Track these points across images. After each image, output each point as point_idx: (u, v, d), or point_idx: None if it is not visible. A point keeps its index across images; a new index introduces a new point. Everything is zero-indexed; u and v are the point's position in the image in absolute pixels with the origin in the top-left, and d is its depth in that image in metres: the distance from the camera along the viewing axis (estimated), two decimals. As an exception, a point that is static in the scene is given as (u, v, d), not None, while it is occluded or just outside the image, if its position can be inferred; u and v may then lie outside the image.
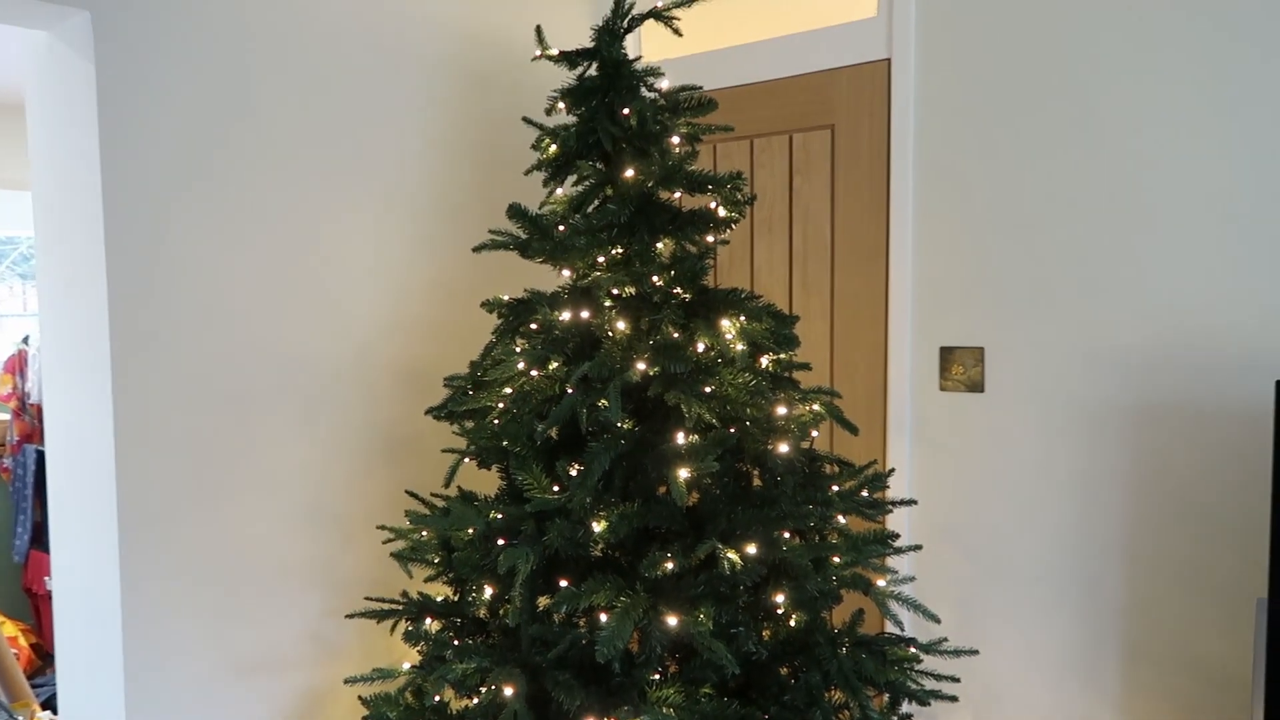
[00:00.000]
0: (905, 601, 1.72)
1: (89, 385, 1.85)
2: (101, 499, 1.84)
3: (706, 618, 1.52)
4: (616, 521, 1.61)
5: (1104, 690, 2.04)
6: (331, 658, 2.16)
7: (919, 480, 2.28)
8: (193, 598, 1.92)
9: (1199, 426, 1.92)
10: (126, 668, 1.83)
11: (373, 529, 2.24)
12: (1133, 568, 2.00)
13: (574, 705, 1.55)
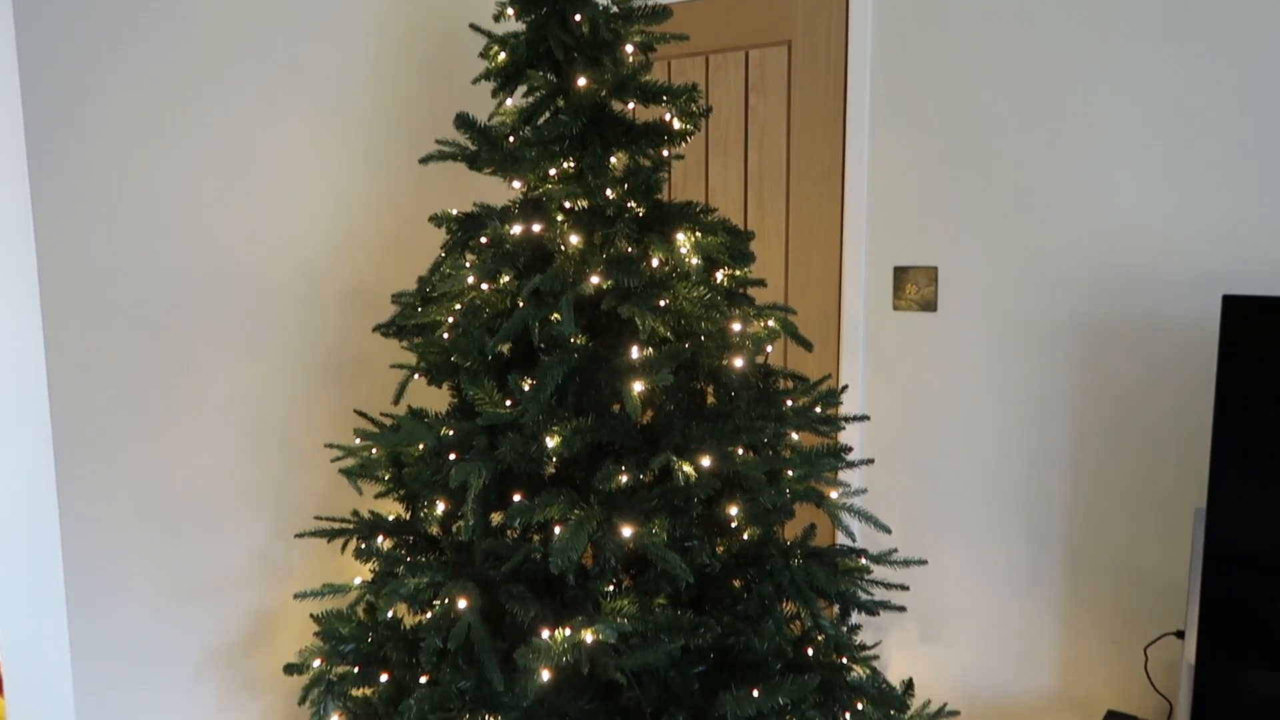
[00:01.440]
0: (857, 513, 1.74)
1: (16, 304, 1.77)
2: (35, 421, 1.77)
3: (660, 530, 1.52)
4: (570, 436, 1.59)
5: (1047, 600, 2.10)
6: (282, 579, 2.14)
7: (871, 398, 2.30)
8: (136, 521, 1.87)
9: (1145, 343, 1.95)
10: (68, 592, 1.79)
11: (321, 452, 2.21)
12: (1077, 482, 2.04)
13: (528, 617, 1.55)
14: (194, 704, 2.00)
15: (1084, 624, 2.06)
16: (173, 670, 1.95)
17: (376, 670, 1.76)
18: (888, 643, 2.33)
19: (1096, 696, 2.05)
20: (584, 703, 1.66)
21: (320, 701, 1.72)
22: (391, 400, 2.32)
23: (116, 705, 1.87)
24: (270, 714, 2.14)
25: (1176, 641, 1.92)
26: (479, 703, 1.59)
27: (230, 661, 2.05)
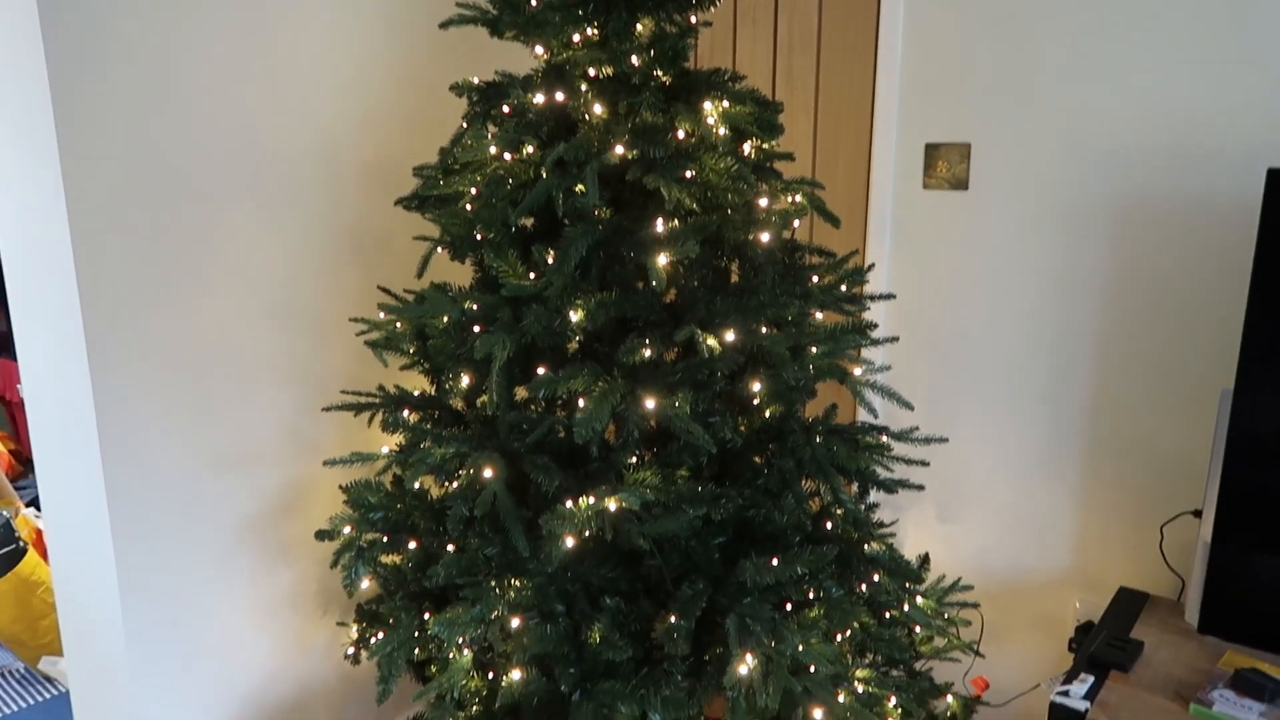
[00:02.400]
0: (880, 390, 1.74)
1: (38, 178, 1.76)
2: (63, 297, 1.78)
3: (684, 402, 1.53)
4: (594, 310, 1.59)
5: (1065, 480, 2.11)
6: (311, 452, 2.18)
7: (897, 277, 2.27)
8: (166, 394, 1.90)
9: (1182, 222, 1.90)
10: (104, 464, 1.83)
11: (346, 327, 2.22)
12: (1103, 364, 2.03)
13: (552, 487, 1.58)
14: (231, 571, 2.07)
15: (1101, 504, 2.08)
16: (209, 539, 2.02)
17: (405, 538, 1.81)
18: (905, 521, 2.37)
19: (1110, 574, 2.09)
20: (606, 571, 1.70)
21: (351, 566, 1.77)
22: (415, 274, 2.31)
23: (157, 572, 1.93)
24: (304, 580, 2.22)
25: (1193, 520, 1.94)
26: (505, 568, 1.63)
27: (264, 530, 2.11)
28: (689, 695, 1.61)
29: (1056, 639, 2.19)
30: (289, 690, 2.23)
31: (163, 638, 1.97)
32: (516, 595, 1.57)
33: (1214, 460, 1.72)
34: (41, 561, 2.88)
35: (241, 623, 2.11)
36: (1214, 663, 1.72)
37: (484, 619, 1.54)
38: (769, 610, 1.55)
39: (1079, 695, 1.62)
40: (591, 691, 1.57)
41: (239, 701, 2.14)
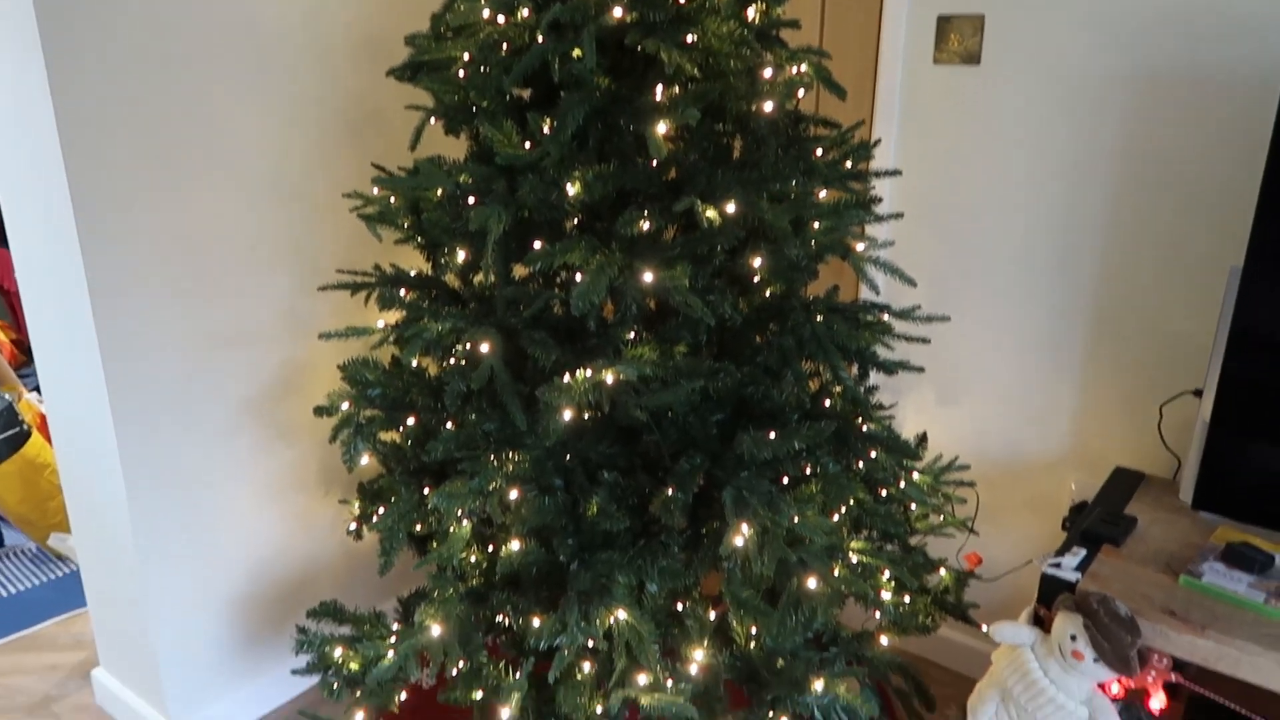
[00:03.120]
0: (883, 266, 1.71)
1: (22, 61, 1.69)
2: (52, 183, 1.74)
3: (682, 274, 1.50)
4: (591, 182, 1.55)
5: (1066, 362, 2.10)
6: (308, 332, 2.17)
7: (904, 154, 2.21)
8: (160, 275, 1.88)
9: (1201, 98, 1.84)
10: (101, 348, 1.82)
11: (340, 207, 2.18)
12: (1110, 244, 1.99)
13: (549, 361, 1.57)
14: (232, 450, 2.08)
15: (1102, 386, 2.07)
16: (209, 419, 2.02)
17: (403, 415, 1.81)
18: (903, 405, 2.37)
19: (1106, 455, 2.10)
20: (604, 447, 1.71)
21: (350, 442, 1.78)
22: (409, 146, 2.26)
23: (158, 453, 1.94)
24: (305, 459, 2.23)
25: (1193, 400, 1.93)
26: (503, 443, 1.64)
27: (263, 410, 2.12)
28: (685, 566, 1.64)
29: (1050, 519, 2.21)
30: (294, 566, 2.28)
31: (167, 516, 2.00)
32: (515, 468, 1.58)
33: (1218, 338, 1.70)
34: (46, 444, 2.91)
35: (245, 501, 2.13)
36: (1206, 538, 1.74)
37: (482, 491, 1.56)
38: (766, 484, 1.56)
39: (1070, 567, 1.64)
40: (589, 562, 1.59)
41: (245, 577, 2.18)
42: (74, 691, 2.37)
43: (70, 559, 2.94)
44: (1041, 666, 1.56)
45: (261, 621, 2.24)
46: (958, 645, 2.43)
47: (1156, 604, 1.56)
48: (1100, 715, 1.52)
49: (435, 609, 1.64)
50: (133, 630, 2.10)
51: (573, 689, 1.60)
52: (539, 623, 1.63)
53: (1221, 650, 1.47)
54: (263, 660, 2.27)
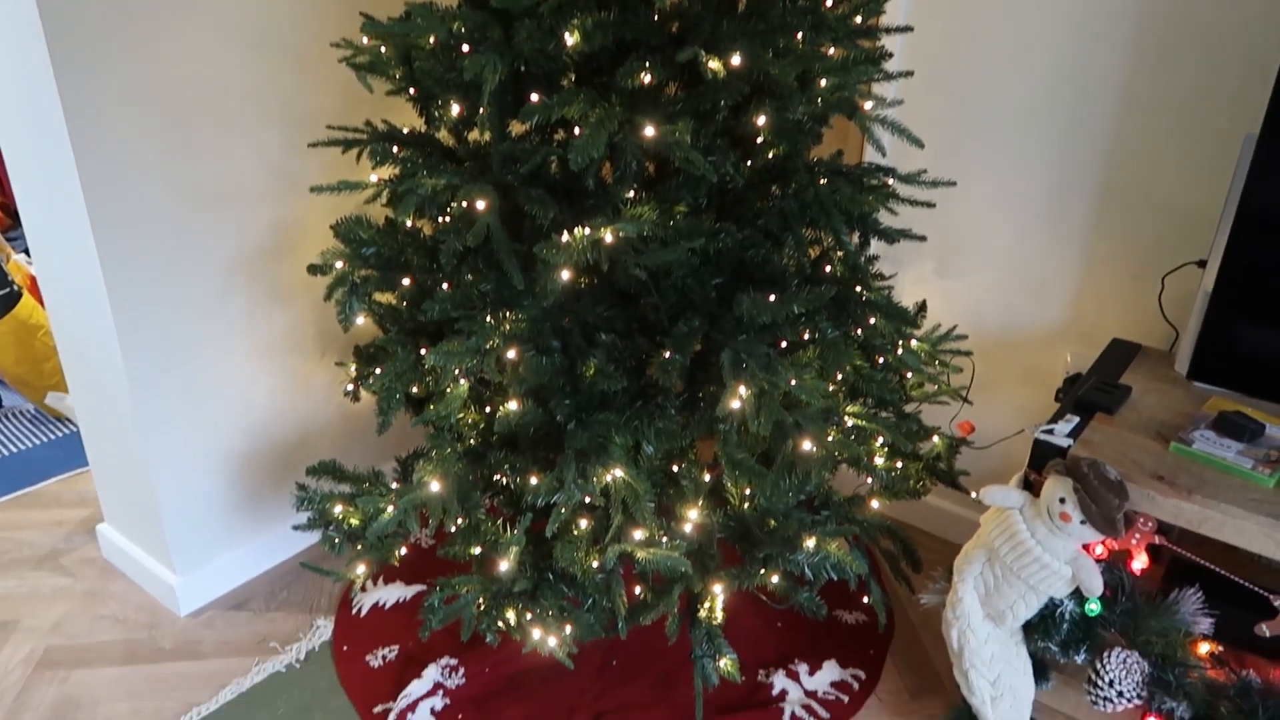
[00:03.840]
0: (890, 126, 1.66)
1: None
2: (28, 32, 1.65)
3: (684, 130, 1.46)
4: (591, 31, 1.48)
5: (1070, 233, 2.08)
6: (299, 192, 2.12)
7: (916, 10, 2.12)
8: (145, 135, 1.81)
9: (1229, -50, 1.75)
10: (87, 202, 1.77)
11: (329, 62, 2.10)
12: (1123, 110, 1.94)
13: (547, 219, 1.53)
14: (226, 310, 2.06)
15: (1104, 258, 2.05)
16: (201, 279, 2.00)
17: (398, 275, 1.79)
18: (903, 277, 2.35)
19: (1104, 327, 2.10)
20: (602, 310, 1.69)
21: (345, 301, 1.76)
22: None
23: (151, 312, 1.92)
24: (300, 322, 2.22)
25: (1196, 272, 1.92)
26: (500, 303, 1.62)
27: (255, 270, 2.09)
28: (682, 428, 1.65)
29: (1044, 390, 2.23)
30: (292, 427, 2.29)
31: (163, 376, 1.99)
32: (512, 328, 1.57)
33: (1227, 207, 1.67)
34: (38, 306, 2.89)
35: (241, 362, 2.13)
36: (1198, 408, 1.76)
37: (480, 350, 1.55)
38: (763, 348, 1.56)
39: (1063, 434, 1.65)
40: (587, 422, 1.60)
41: (244, 437, 2.20)
42: (80, 546, 2.42)
43: (70, 419, 2.96)
44: (1029, 528, 1.59)
45: (262, 481, 2.27)
46: (946, 513, 2.48)
47: (1146, 469, 1.58)
48: (1083, 574, 1.56)
49: (434, 466, 1.66)
50: (135, 488, 2.13)
51: (569, 544, 1.63)
52: (536, 481, 1.65)
53: (1206, 514, 1.50)
54: (265, 518, 2.31)
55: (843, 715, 1.97)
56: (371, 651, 2.08)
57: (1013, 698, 1.71)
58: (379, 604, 2.21)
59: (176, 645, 2.11)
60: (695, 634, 1.71)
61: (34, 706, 1.94)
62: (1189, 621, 1.62)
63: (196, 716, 1.92)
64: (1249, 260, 1.65)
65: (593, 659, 2.07)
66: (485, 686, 1.99)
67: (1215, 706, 1.57)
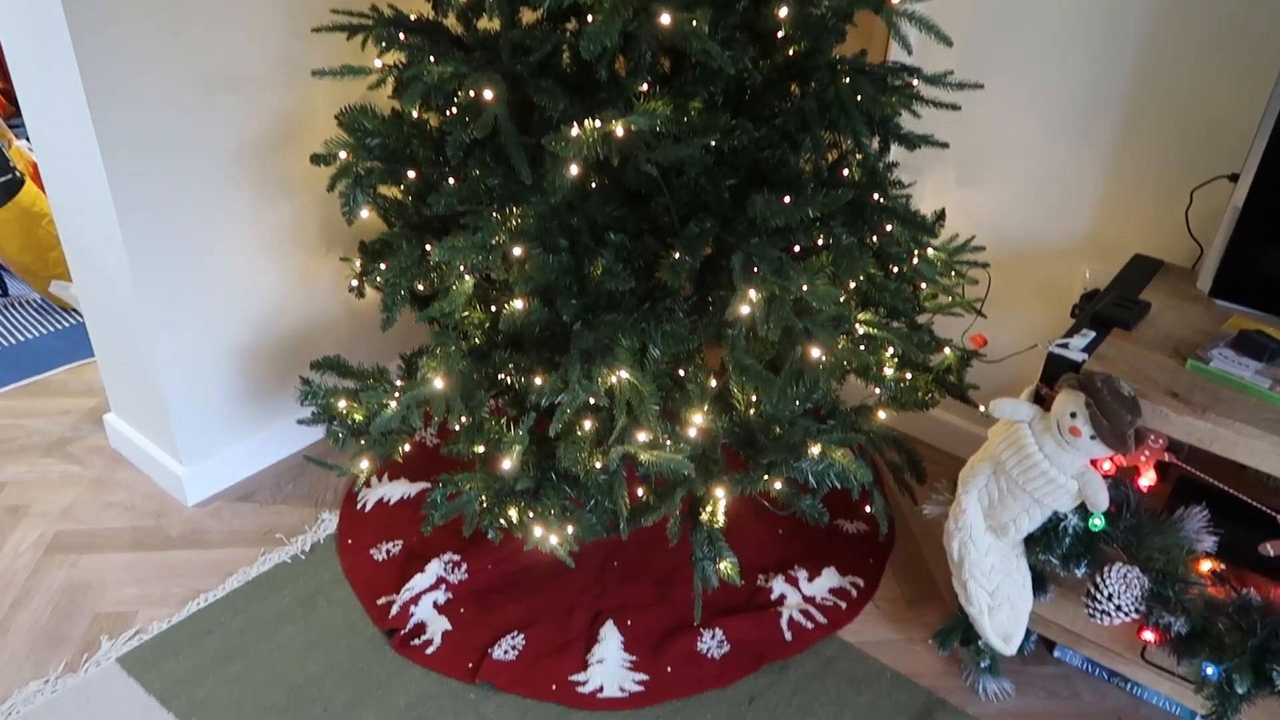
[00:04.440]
0: (918, 21, 1.58)
1: None
2: None
3: (702, 20, 1.39)
4: (606, -91, 1.40)
5: (1098, 144, 2.01)
6: (303, 80, 2.05)
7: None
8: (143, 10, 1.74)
9: None
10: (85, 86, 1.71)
11: (333, -60, 2.01)
12: (1162, 16, 1.84)
13: (557, 111, 1.48)
14: (229, 200, 2.02)
15: (1132, 167, 1.98)
16: (203, 166, 1.95)
17: (403, 168, 1.74)
18: (922, 184, 2.29)
19: (1126, 242, 2.04)
20: (612, 209, 1.65)
21: (349, 193, 1.72)
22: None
23: (154, 200, 1.88)
24: (304, 214, 2.18)
25: (1226, 186, 1.85)
26: (507, 198, 1.58)
27: (259, 159, 2.04)
28: (690, 332, 1.62)
29: (1060, 306, 2.19)
30: (297, 323, 2.28)
31: (166, 266, 1.97)
32: (519, 224, 1.53)
33: (1265, 118, 1.60)
34: (41, 194, 2.84)
35: (245, 254, 2.10)
36: (1218, 326, 1.72)
37: (485, 246, 1.51)
38: (775, 252, 1.52)
39: (1078, 348, 1.62)
40: (593, 322, 1.57)
41: (248, 331, 2.18)
42: (88, 435, 2.43)
43: (75, 309, 2.95)
44: (1037, 442, 1.57)
45: (267, 375, 2.27)
46: (952, 427, 2.47)
47: (1160, 386, 1.55)
48: (1089, 489, 1.55)
49: (437, 363, 1.64)
50: (140, 379, 2.12)
51: (573, 445, 1.63)
52: (541, 381, 1.63)
53: (1219, 432, 1.47)
54: (270, 412, 2.32)
55: (840, 621, 2.00)
56: (375, 545, 2.10)
57: (1010, 608, 1.72)
58: (383, 500, 2.23)
59: (183, 534, 2.14)
60: (696, 537, 1.72)
61: (45, 588, 1.98)
62: (1192, 539, 1.62)
63: (204, 602, 1.95)
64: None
65: (594, 559, 2.09)
66: (487, 582, 2.02)
67: (1212, 622, 1.58)
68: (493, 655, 1.85)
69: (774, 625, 1.96)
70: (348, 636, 1.90)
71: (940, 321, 2.33)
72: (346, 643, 1.88)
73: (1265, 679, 1.53)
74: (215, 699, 1.75)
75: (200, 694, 1.76)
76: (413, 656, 1.85)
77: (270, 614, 1.93)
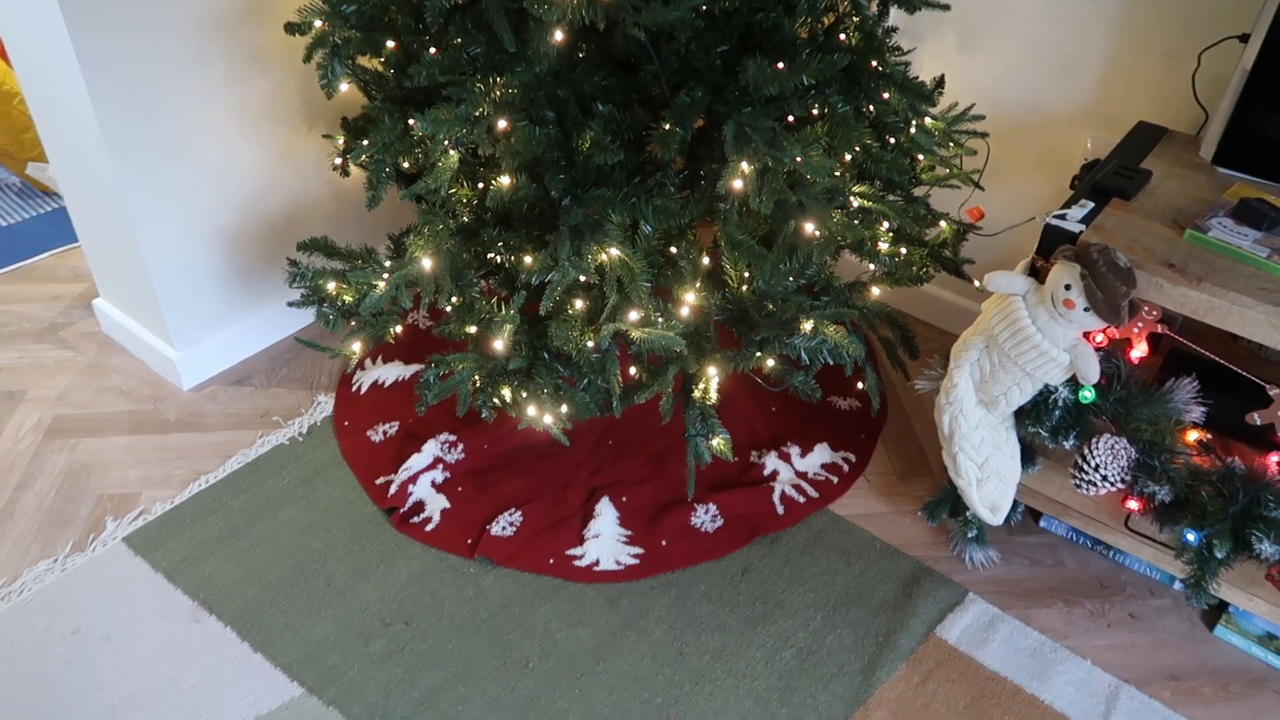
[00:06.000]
0: None
1: None
2: None
3: None
4: None
5: (1104, 7, 1.92)
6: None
7: None
8: None
9: None
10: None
11: None
12: None
13: (539, -28, 1.41)
14: (204, 74, 1.95)
15: (1139, 33, 1.91)
16: (173, 39, 1.87)
17: (382, 37, 1.68)
18: (921, 51, 2.21)
19: (1130, 109, 1.99)
20: (599, 78, 1.59)
21: (327, 64, 1.65)
22: None
23: (124, 72, 1.81)
24: (283, 90, 2.11)
25: (1235, 48, 1.79)
26: (490, 68, 1.52)
27: (232, 32, 1.96)
28: (681, 206, 1.59)
29: (1059, 177, 2.15)
30: (282, 203, 2.23)
31: (144, 146, 1.91)
32: (504, 95, 1.48)
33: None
34: (11, 71, 2.75)
35: (224, 131, 2.04)
36: (1220, 194, 1.69)
37: (469, 118, 1.47)
38: (769, 122, 1.47)
39: (1076, 219, 1.60)
40: (582, 198, 1.54)
41: (232, 212, 2.14)
42: (79, 319, 2.42)
43: (56, 191, 2.89)
44: (1030, 315, 1.56)
45: (255, 257, 2.24)
46: (945, 303, 2.46)
47: (1157, 256, 1.53)
48: (1081, 362, 1.55)
49: (425, 242, 1.62)
50: (125, 263, 2.10)
51: (564, 324, 1.62)
52: (531, 260, 1.61)
53: (1213, 302, 1.47)
54: (262, 295, 2.30)
55: (832, 495, 2.03)
56: (372, 427, 2.12)
57: (998, 480, 1.75)
58: (378, 382, 2.23)
59: (181, 417, 2.15)
60: (689, 414, 1.73)
61: (47, 471, 2.00)
62: (1180, 410, 1.63)
63: (205, 484, 1.98)
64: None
65: (589, 437, 2.11)
66: (484, 461, 2.04)
67: (1196, 490, 1.60)
68: (491, 531, 1.88)
69: (766, 500, 1.99)
70: (348, 515, 1.93)
71: (936, 194, 2.29)
72: (347, 520, 1.92)
73: (1244, 544, 1.56)
74: (221, 575, 1.80)
75: (206, 570, 1.80)
76: (412, 534, 1.89)
77: (271, 494, 1.96)
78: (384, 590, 1.79)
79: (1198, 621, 1.83)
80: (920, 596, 1.84)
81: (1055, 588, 1.88)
